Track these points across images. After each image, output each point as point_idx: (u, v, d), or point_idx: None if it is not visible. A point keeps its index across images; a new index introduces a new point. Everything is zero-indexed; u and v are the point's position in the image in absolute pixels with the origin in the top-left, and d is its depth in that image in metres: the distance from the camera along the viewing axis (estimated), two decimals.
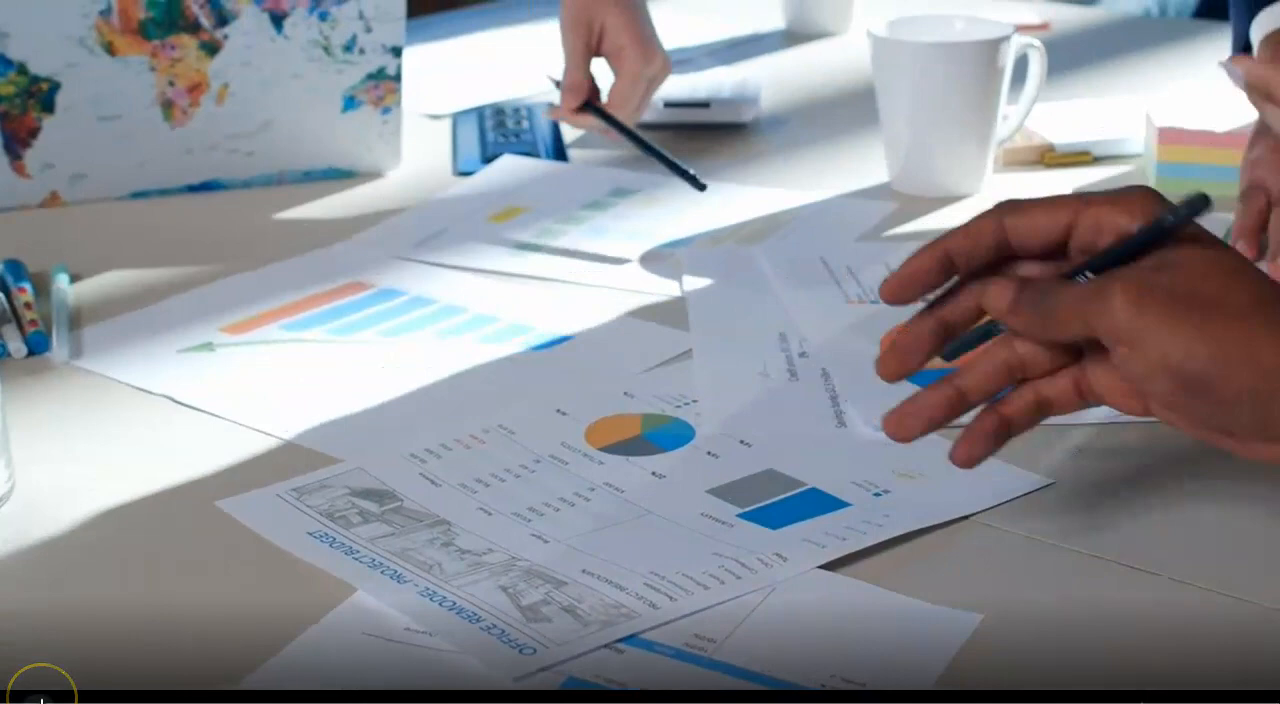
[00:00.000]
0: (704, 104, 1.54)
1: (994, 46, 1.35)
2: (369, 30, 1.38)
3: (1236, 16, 1.33)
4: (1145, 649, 0.81)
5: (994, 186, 1.40)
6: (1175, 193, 1.33)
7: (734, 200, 1.37)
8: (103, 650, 0.82)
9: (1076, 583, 0.86)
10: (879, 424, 0.84)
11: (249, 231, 1.34)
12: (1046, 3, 2.06)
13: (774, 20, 1.91)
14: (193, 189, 1.40)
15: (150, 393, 1.07)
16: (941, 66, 1.34)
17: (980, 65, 1.34)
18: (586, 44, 1.42)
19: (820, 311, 1.15)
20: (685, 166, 1.36)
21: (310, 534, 0.90)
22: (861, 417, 1.01)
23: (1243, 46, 1.30)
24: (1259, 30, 1.25)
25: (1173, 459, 0.98)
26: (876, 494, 0.93)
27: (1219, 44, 1.84)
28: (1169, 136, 1.37)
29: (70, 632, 0.83)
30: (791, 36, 1.88)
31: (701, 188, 1.34)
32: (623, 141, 1.43)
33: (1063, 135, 1.47)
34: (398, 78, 1.40)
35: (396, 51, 1.39)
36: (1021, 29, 1.89)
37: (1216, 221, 1.29)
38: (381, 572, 0.86)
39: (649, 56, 1.41)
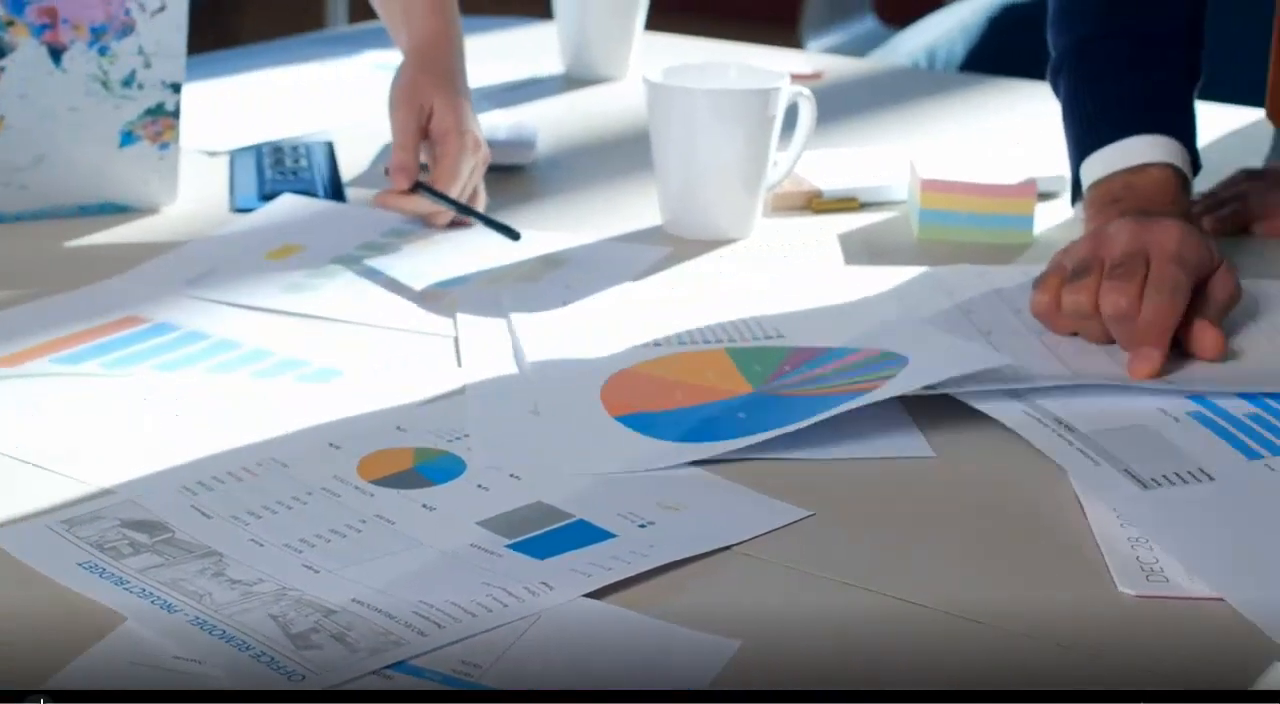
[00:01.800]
0: None
1: (766, 95, 1.39)
2: (148, 66, 1.38)
3: (1070, 152, 1.37)
4: (898, 674, 0.84)
5: (764, 231, 1.43)
6: (936, 239, 1.39)
7: (509, 242, 1.39)
8: None
9: (832, 611, 0.89)
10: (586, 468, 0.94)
11: (22, 264, 1.33)
12: (820, 53, 2.12)
13: (553, 65, 1.94)
14: None
15: None
16: (714, 113, 1.38)
17: (752, 113, 1.38)
18: (418, 125, 1.41)
19: (548, 350, 1.18)
20: (515, 230, 1.38)
21: (80, 565, 0.90)
22: (566, 460, 1.03)
23: (1075, 182, 1.36)
24: (1089, 175, 1.32)
25: (926, 492, 1.02)
26: (641, 525, 0.96)
27: (981, 96, 1.92)
28: (931, 186, 1.42)
29: None
30: (570, 81, 1.91)
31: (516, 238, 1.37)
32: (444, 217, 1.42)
33: (830, 182, 1.52)
34: (176, 114, 1.41)
35: (176, 88, 1.40)
36: (794, 78, 1.95)
37: (978, 272, 1.34)
38: (151, 601, 0.87)
39: (474, 142, 1.41)
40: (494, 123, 1.65)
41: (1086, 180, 1.32)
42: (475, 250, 1.37)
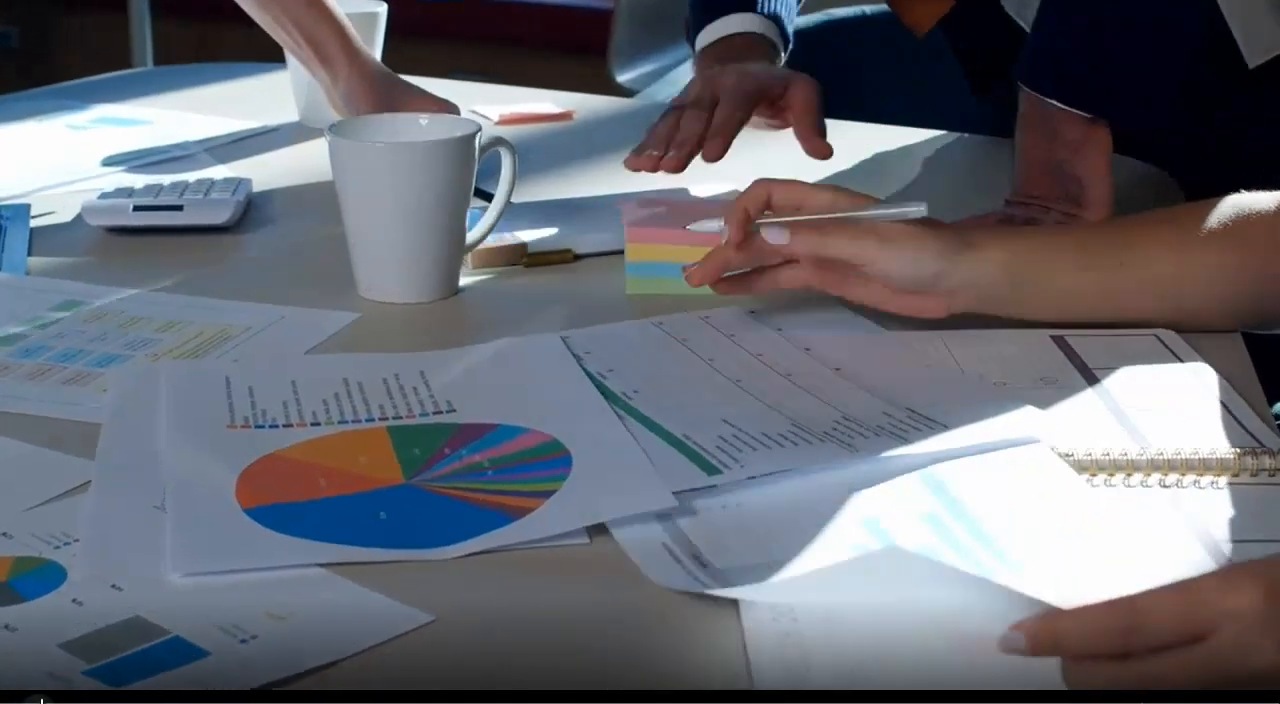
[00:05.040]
0: (176, 207, 1.47)
1: (451, 146, 1.30)
2: None
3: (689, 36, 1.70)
4: None
5: (469, 291, 1.34)
6: (646, 294, 1.31)
7: (185, 314, 1.29)
8: None
9: None
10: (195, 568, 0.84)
11: None
12: (583, 93, 2.03)
13: (289, 113, 1.84)
14: None
15: None
16: (394, 168, 1.28)
17: (437, 166, 1.29)
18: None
19: (190, 434, 1.09)
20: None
21: None
22: (173, 559, 0.94)
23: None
24: (700, 44, 1.66)
25: (573, 586, 0.93)
26: (243, 641, 0.87)
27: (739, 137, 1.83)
28: (637, 235, 1.34)
29: None
30: (305, 131, 1.81)
31: None
32: None
33: (546, 232, 1.43)
34: None
35: None
36: (542, 119, 1.87)
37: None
38: None
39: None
40: (207, 179, 1.57)
41: (699, 47, 1.66)
42: (142, 323, 1.28)
